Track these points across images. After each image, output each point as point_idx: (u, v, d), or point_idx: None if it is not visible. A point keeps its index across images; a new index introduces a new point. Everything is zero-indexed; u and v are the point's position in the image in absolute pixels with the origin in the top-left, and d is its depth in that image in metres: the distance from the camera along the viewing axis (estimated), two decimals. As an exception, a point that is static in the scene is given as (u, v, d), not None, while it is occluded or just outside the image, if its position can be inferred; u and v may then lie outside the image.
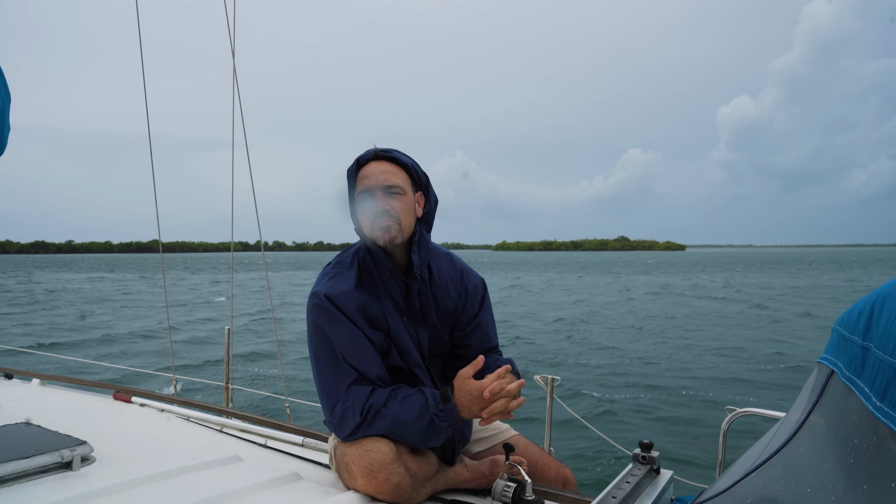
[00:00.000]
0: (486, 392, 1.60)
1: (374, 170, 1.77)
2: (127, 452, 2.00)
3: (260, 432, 2.46)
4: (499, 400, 1.61)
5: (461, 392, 1.65)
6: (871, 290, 1.11)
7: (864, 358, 0.99)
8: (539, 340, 15.69)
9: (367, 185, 1.76)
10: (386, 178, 1.76)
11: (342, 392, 1.68)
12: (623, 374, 11.55)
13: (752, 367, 12.08)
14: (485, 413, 1.62)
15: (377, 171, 1.77)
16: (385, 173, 1.77)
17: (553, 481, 1.91)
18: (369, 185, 1.75)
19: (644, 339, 16.17)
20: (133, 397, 2.96)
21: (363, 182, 1.77)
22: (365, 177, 1.77)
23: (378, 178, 1.75)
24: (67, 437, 1.92)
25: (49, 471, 1.74)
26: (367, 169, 1.78)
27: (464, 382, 1.65)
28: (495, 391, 1.60)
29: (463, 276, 1.98)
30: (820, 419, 1.13)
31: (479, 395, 1.61)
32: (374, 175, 1.76)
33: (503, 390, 1.61)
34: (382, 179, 1.75)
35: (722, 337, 16.52)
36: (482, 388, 1.61)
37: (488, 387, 1.60)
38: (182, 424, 2.61)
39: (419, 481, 1.68)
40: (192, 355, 13.48)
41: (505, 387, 1.62)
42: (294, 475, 1.85)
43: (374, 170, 1.77)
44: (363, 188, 1.76)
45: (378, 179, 1.75)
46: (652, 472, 1.70)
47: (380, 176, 1.76)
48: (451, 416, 1.66)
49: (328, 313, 1.71)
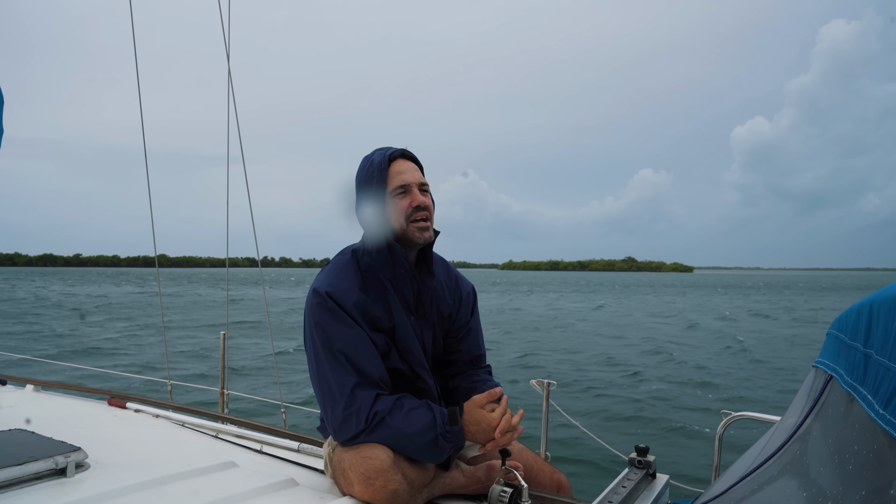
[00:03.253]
0: (498, 432, 1.64)
1: (407, 166, 1.75)
2: (122, 459, 1.99)
3: (255, 438, 2.45)
4: (506, 436, 1.67)
5: (470, 420, 1.67)
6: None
7: (866, 364, 0.99)
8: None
9: (405, 181, 1.72)
10: (419, 176, 1.75)
11: (345, 395, 1.65)
12: (618, 379, 11.56)
13: (746, 373, 12.10)
14: (490, 445, 1.67)
15: (410, 168, 1.75)
16: (416, 171, 1.76)
17: (548, 486, 1.91)
18: (407, 180, 1.72)
19: (639, 347, 16.20)
20: (128, 403, 2.95)
21: (399, 177, 1.73)
22: (400, 172, 1.73)
23: (415, 175, 1.74)
24: (62, 444, 1.90)
25: (43, 477, 1.73)
26: (400, 165, 1.75)
27: (475, 411, 1.67)
28: (504, 430, 1.65)
29: (457, 281, 1.99)
30: (817, 424, 1.14)
31: (487, 427, 1.65)
32: (410, 171, 1.74)
33: (510, 425, 1.67)
34: (418, 176, 1.75)
35: (711, 347, 16.55)
36: (492, 424, 1.65)
37: (499, 426, 1.65)
38: (177, 430, 2.60)
39: (416, 488, 1.67)
40: (189, 362, 13.43)
41: (511, 422, 1.67)
42: (290, 481, 1.84)
43: (406, 166, 1.75)
44: (400, 183, 1.73)
45: (415, 176, 1.74)
46: (648, 476, 1.70)
47: (415, 173, 1.75)
48: (457, 439, 1.67)
49: (330, 311, 1.69)
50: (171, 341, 16.55)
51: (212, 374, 11.58)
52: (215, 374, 10.57)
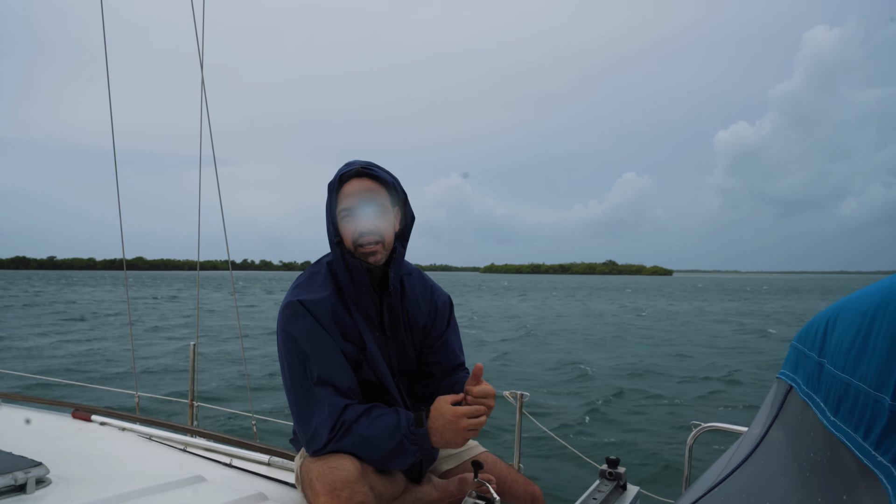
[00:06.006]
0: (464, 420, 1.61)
1: (358, 187, 1.76)
2: (85, 474, 1.94)
3: (225, 451, 2.41)
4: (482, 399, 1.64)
5: (436, 414, 1.64)
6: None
7: (819, 373, 1.03)
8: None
9: (350, 204, 1.74)
10: (370, 197, 1.75)
11: (315, 405, 1.65)
12: (591, 389, 11.65)
13: (714, 383, 12.30)
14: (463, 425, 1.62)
15: (360, 189, 1.75)
16: (368, 191, 1.76)
17: (522, 498, 1.91)
18: (353, 203, 1.74)
19: (612, 353, 16.35)
20: (93, 416, 2.88)
21: (346, 199, 1.75)
22: (348, 194, 1.75)
23: (362, 196, 1.74)
24: (22, 459, 1.85)
25: (2, 494, 1.68)
26: (350, 186, 1.76)
27: (441, 405, 1.65)
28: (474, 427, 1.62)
29: (433, 293, 1.99)
30: (779, 434, 1.16)
31: (452, 417, 1.62)
32: (358, 193, 1.75)
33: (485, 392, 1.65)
34: (366, 197, 1.74)
35: (684, 351, 16.80)
36: (457, 413, 1.62)
37: (466, 420, 1.61)
38: (144, 444, 2.55)
39: (384, 501, 1.66)
40: (156, 373, 13.15)
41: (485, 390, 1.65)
42: (259, 495, 1.82)
43: (357, 187, 1.76)
44: (346, 206, 1.74)
45: (362, 197, 1.74)
46: (619, 488, 1.72)
47: (363, 194, 1.75)
48: (422, 441, 1.65)
49: (301, 320, 1.69)
50: (140, 349, 16.21)
51: (181, 386, 11.36)
52: (185, 385, 10.36)
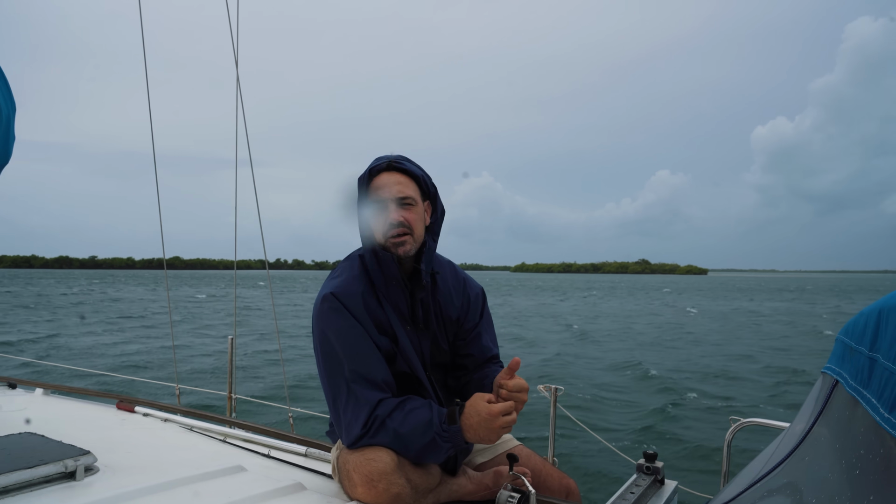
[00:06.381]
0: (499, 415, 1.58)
1: (388, 180, 1.77)
2: (130, 462, 2.00)
3: (263, 442, 2.45)
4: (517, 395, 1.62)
5: (471, 411, 1.62)
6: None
7: (871, 368, 0.99)
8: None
9: (380, 196, 1.76)
10: (399, 190, 1.76)
11: (350, 399, 1.67)
12: (627, 384, 11.51)
13: (758, 378, 12.03)
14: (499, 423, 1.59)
15: (390, 182, 1.77)
16: (398, 184, 1.77)
17: (556, 492, 1.90)
18: (383, 196, 1.75)
19: (650, 351, 16.13)
20: (136, 407, 2.96)
21: (377, 192, 1.76)
22: (378, 187, 1.77)
23: (392, 190, 1.75)
24: (71, 447, 1.92)
25: (52, 481, 1.74)
26: (380, 179, 1.78)
27: (476, 402, 1.62)
28: (508, 424, 1.59)
29: (465, 285, 2.00)
30: (824, 430, 1.13)
31: (488, 416, 1.59)
32: (388, 186, 1.76)
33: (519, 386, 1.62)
34: (396, 191, 1.75)
35: (721, 349, 16.46)
36: (492, 412, 1.58)
37: (501, 418, 1.58)
38: (185, 434, 2.61)
39: (420, 492, 1.67)
40: (196, 366, 13.48)
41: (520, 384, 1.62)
42: (298, 485, 1.85)
43: (387, 180, 1.77)
44: (377, 198, 1.76)
45: (392, 191, 1.75)
46: (657, 482, 1.70)
47: (393, 187, 1.76)
48: (455, 439, 1.64)
49: (337, 313, 1.70)
50: (180, 345, 16.62)
51: (220, 378, 11.62)
52: (223, 378, 10.59)
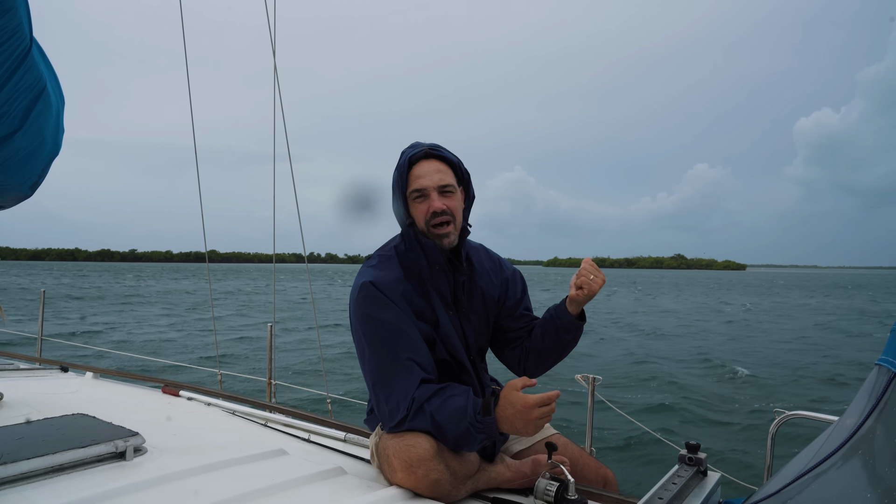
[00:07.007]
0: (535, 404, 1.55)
1: (428, 168, 1.77)
2: (176, 444, 2.06)
3: (303, 427, 2.50)
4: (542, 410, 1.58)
5: (506, 403, 1.61)
6: None
7: None
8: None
9: (422, 185, 1.75)
10: (440, 178, 1.76)
11: (391, 383, 1.68)
12: (668, 374, 11.34)
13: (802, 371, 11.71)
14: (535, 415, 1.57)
15: (431, 171, 1.76)
16: (438, 172, 1.77)
17: (593, 481, 1.89)
18: (425, 184, 1.75)
19: (691, 342, 15.84)
20: (181, 391, 3.05)
21: (418, 181, 1.76)
22: (419, 175, 1.76)
23: (433, 178, 1.75)
24: (121, 429, 1.99)
25: (104, 460, 1.81)
26: (420, 168, 1.77)
27: (510, 394, 1.61)
28: (545, 415, 1.57)
29: (500, 264, 2.03)
30: (880, 424, 1.09)
31: (523, 407, 1.57)
32: (429, 174, 1.76)
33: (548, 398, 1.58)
34: (437, 179, 1.75)
35: (768, 340, 16.05)
36: (528, 403, 1.56)
37: (537, 410, 1.56)
38: (228, 418, 2.68)
39: (459, 479, 1.68)
40: (237, 352, 13.81)
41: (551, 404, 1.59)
42: (338, 469, 1.88)
43: (427, 168, 1.77)
44: (418, 187, 1.76)
45: (433, 179, 1.75)
46: (699, 473, 1.67)
47: (434, 175, 1.76)
48: (489, 430, 1.63)
49: (376, 300, 1.72)
50: (222, 333, 17.04)
51: (259, 365, 11.89)
52: (263, 365, 10.83)
